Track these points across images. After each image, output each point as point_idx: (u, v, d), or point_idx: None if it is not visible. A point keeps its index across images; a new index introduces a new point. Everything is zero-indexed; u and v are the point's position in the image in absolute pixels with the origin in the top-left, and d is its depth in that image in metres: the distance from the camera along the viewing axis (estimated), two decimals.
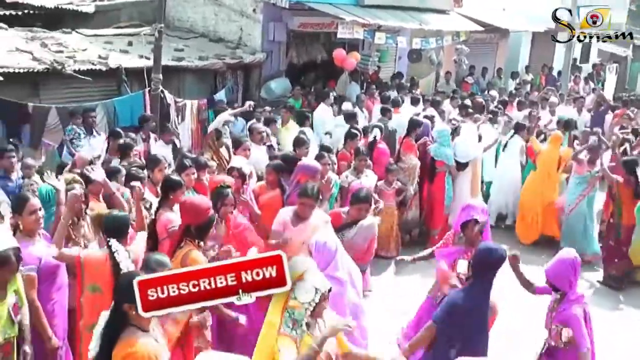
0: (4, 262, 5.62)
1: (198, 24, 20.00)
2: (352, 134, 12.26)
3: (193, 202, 6.74)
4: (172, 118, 15.35)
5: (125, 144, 10.67)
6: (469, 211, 7.54)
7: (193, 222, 6.50)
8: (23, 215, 6.53)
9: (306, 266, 5.13)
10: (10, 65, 13.03)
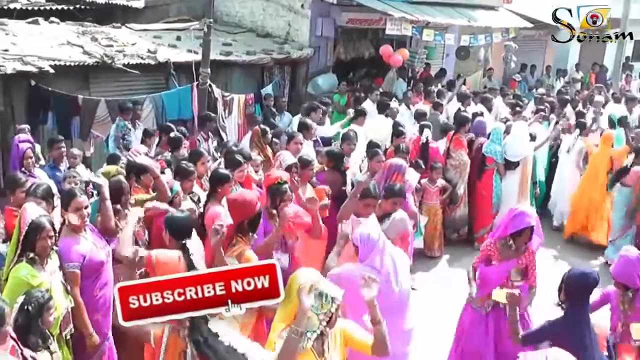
0: (37, 228, 5.72)
1: (246, 18, 20.00)
2: (398, 131, 12.21)
3: (243, 198, 6.68)
4: (220, 112, 15.38)
5: (175, 137, 10.77)
6: (524, 218, 7.27)
7: (245, 217, 6.49)
8: (69, 211, 6.56)
9: (318, 276, 4.98)
10: (61, 58, 13.16)
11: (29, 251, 5.74)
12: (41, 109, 12.91)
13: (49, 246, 5.84)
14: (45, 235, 5.76)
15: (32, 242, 5.74)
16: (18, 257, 5.75)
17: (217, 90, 15.29)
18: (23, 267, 5.65)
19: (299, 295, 4.65)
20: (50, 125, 13.14)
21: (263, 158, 10.74)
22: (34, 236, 5.73)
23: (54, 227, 5.91)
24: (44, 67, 12.52)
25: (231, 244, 6.40)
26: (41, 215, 5.84)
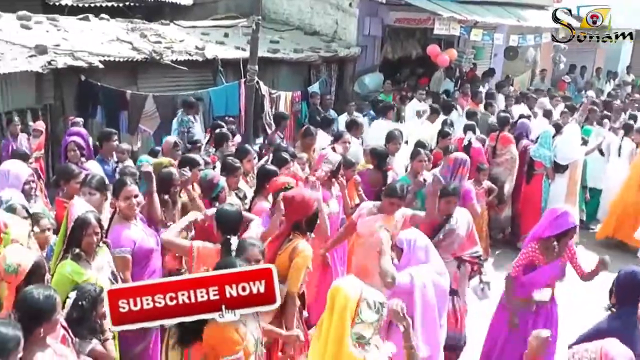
0: (83, 224, 5.72)
1: (294, 16, 19.96)
2: (444, 132, 12.12)
3: (301, 196, 6.54)
4: (266, 109, 15.44)
5: (221, 133, 10.78)
6: (567, 218, 7.19)
7: (302, 216, 6.40)
8: (119, 199, 6.64)
9: (360, 285, 4.79)
10: (111, 54, 13.27)
11: (75, 247, 5.73)
12: (90, 103, 13.05)
13: (95, 242, 5.81)
14: (92, 232, 5.74)
15: (78, 238, 5.73)
16: (64, 253, 5.77)
17: (264, 88, 15.31)
18: (68, 264, 5.67)
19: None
20: (98, 119, 13.26)
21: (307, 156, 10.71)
22: (80, 232, 5.72)
23: (100, 223, 5.88)
24: (93, 62, 12.64)
25: (287, 240, 6.34)
26: (88, 211, 5.81)
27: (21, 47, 12.23)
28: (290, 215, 6.47)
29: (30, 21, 14.11)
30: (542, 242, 7.27)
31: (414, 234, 6.56)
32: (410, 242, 6.37)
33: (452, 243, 7.77)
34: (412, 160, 9.97)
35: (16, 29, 13.52)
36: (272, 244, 6.37)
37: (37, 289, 4.63)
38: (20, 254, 5.44)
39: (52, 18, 14.85)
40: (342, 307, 4.61)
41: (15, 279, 5.19)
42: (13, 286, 5.20)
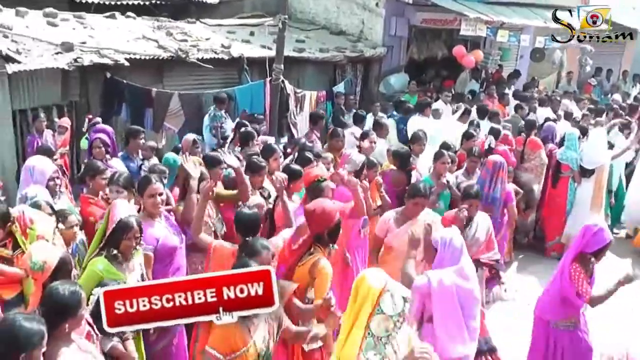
0: (125, 228, 5.69)
1: (320, 16, 19.94)
2: (468, 134, 12.00)
3: (322, 208, 6.30)
4: (291, 108, 15.42)
5: (246, 132, 10.70)
6: (604, 234, 6.97)
7: (324, 228, 6.17)
8: (144, 196, 6.61)
9: (385, 278, 4.68)
10: (137, 52, 13.31)
11: (113, 247, 5.72)
12: (115, 100, 13.08)
13: (133, 246, 5.82)
14: (132, 236, 5.73)
15: (117, 240, 5.72)
16: (100, 250, 5.75)
17: (289, 87, 15.27)
18: (100, 262, 5.65)
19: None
20: (123, 116, 13.28)
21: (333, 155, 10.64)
22: (120, 235, 5.70)
23: (141, 227, 5.86)
24: (119, 60, 12.68)
25: (308, 253, 6.19)
26: (130, 215, 5.79)
27: (48, 44, 12.27)
28: (311, 227, 6.28)
29: (57, 18, 14.17)
30: (581, 259, 7.07)
31: (450, 233, 6.47)
32: (445, 242, 6.29)
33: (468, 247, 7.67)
34: (435, 162, 9.86)
35: (43, 26, 13.55)
36: (293, 254, 6.25)
37: (63, 285, 4.60)
38: (46, 251, 5.50)
39: (78, 15, 14.91)
40: (364, 296, 4.56)
41: (42, 276, 5.24)
42: (39, 283, 5.25)
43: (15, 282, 6.05)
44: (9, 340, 3.97)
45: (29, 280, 5.85)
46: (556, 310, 7.26)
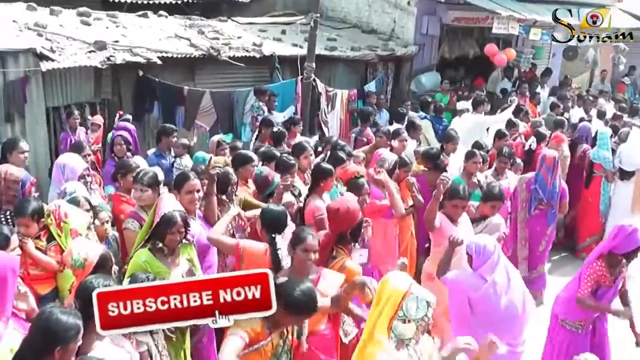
0: (168, 222, 5.69)
1: (351, 14, 19.92)
2: (500, 133, 11.91)
3: (346, 207, 6.32)
4: (322, 107, 15.39)
5: (278, 132, 10.76)
6: (637, 235, 6.82)
7: (347, 227, 6.23)
8: (181, 193, 6.61)
9: (409, 281, 4.68)
10: (169, 50, 13.32)
11: (158, 241, 5.74)
12: (147, 98, 13.11)
13: (178, 240, 5.81)
14: (176, 231, 5.72)
15: (161, 234, 5.72)
16: (145, 242, 5.79)
17: (320, 85, 15.23)
18: (144, 254, 5.70)
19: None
20: (155, 114, 13.31)
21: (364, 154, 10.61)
22: (165, 229, 5.70)
23: (186, 222, 5.86)
24: (152, 58, 12.69)
25: (331, 257, 6.16)
26: (175, 210, 5.78)
27: (81, 43, 12.30)
28: (335, 227, 6.33)
29: (90, 17, 14.21)
30: (609, 259, 6.94)
31: (484, 240, 6.41)
32: (479, 249, 6.25)
33: None
34: (466, 161, 9.80)
35: (76, 25, 13.59)
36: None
37: (97, 279, 4.64)
38: (87, 248, 5.57)
39: (111, 15, 14.95)
40: (387, 298, 4.55)
41: (83, 273, 5.31)
42: (80, 279, 5.24)
43: (50, 278, 6.18)
44: (46, 333, 3.98)
45: (63, 276, 6.08)
46: (566, 308, 7.19)
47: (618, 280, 6.98)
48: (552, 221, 10.11)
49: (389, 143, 10.60)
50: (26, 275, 5.92)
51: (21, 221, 6.15)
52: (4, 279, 4.76)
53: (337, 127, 16.00)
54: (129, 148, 9.51)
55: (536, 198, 9.94)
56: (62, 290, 6.11)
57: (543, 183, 9.83)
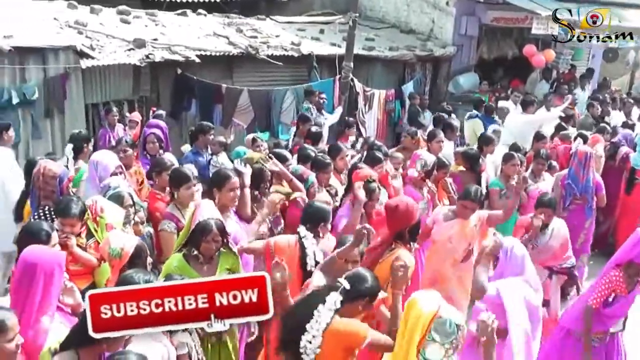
0: (203, 230, 5.59)
1: (390, 14, 19.85)
2: (538, 135, 11.76)
3: (405, 205, 6.31)
4: (360, 107, 15.34)
5: (316, 132, 10.74)
6: None
7: (405, 226, 6.22)
8: (222, 191, 6.56)
9: (438, 301, 4.47)
10: (207, 48, 13.34)
11: (194, 247, 5.67)
12: (185, 96, 13.16)
13: (214, 249, 5.71)
14: (210, 239, 5.61)
15: (197, 242, 5.65)
16: (182, 247, 5.74)
17: (358, 85, 15.18)
18: (177, 259, 5.67)
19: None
20: (193, 112, 13.34)
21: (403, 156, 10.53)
22: (199, 237, 5.61)
23: (223, 230, 5.74)
24: (190, 56, 12.72)
25: (389, 250, 6.16)
26: (211, 218, 5.66)
27: (120, 41, 12.37)
28: (392, 224, 6.30)
29: (130, 16, 14.31)
30: (628, 268, 6.59)
31: (512, 242, 6.28)
32: (506, 251, 6.07)
33: (539, 253, 7.52)
34: (504, 164, 9.68)
35: (116, 23, 13.69)
36: (373, 251, 6.20)
37: (137, 273, 4.68)
38: (123, 238, 5.61)
39: (150, 13, 15.03)
40: (414, 321, 4.37)
41: (119, 263, 5.36)
42: (116, 269, 5.34)
43: (88, 274, 6.18)
44: None
45: (101, 270, 6.05)
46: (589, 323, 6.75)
47: (636, 290, 6.67)
48: (589, 215, 10.06)
49: (415, 143, 10.64)
50: (66, 271, 5.92)
51: (67, 221, 6.09)
52: (51, 274, 4.72)
53: (374, 127, 15.94)
54: (161, 145, 9.51)
55: (570, 193, 9.91)
56: (98, 285, 6.02)
57: (576, 178, 9.82)
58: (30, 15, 12.01)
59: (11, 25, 10.97)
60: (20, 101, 10.55)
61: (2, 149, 8.92)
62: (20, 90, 10.52)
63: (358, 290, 4.82)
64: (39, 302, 4.63)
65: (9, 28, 10.74)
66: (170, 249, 6.38)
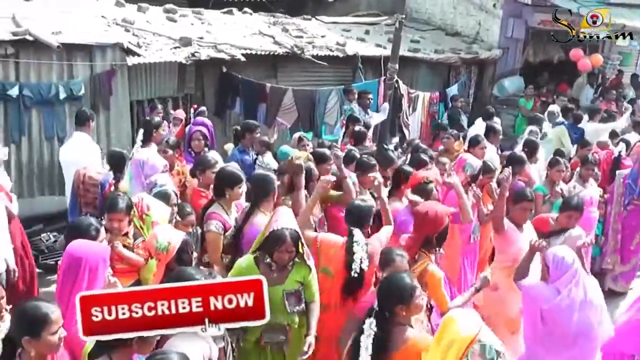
0: (277, 240, 5.48)
1: (436, 16, 19.76)
2: (584, 141, 11.60)
3: (435, 211, 6.26)
4: (404, 108, 15.22)
5: (360, 131, 10.70)
6: None
7: (434, 232, 6.18)
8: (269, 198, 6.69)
9: (478, 324, 4.19)
10: (253, 47, 13.28)
11: (267, 254, 5.60)
12: (230, 94, 13.15)
13: (286, 260, 5.59)
14: (284, 249, 5.51)
15: (270, 249, 5.57)
16: (257, 249, 5.70)
17: (403, 86, 15.04)
18: (247, 260, 5.65)
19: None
20: (237, 110, 13.32)
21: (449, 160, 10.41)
22: (272, 245, 5.54)
23: (298, 241, 5.61)
24: (235, 55, 12.67)
25: (414, 261, 6.02)
26: (286, 228, 5.53)
27: (166, 39, 12.36)
28: (421, 230, 6.27)
29: (176, 14, 14.32)
30: None
31: (563, 251, 6.14)
32: (558, 261, 5.95)
33: None
34: (550, 169, 9.53)
35: (162, 22, 13.71)
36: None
37: (191, 270, 4.73)
38: (171, 233, 5.62)
39: (197, 11, 15.07)
40: (450, 342, 4.12)
41: (166, 257, 5.37)
42: (163, 263, 5.40)
43: (133, 272, 6.23)
44: None
45: (146, 267, 6.15)
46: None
47: None
48: None
49: (458, 146, 10.61)
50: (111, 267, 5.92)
51: (114, 216, 6.12)
52: (95, 268, 4.72)
53: (418, 130, 15.82)
54: (206, 143, 9.52)
55: (630, 193, 9.89)
56: (144, 281, 6.11)
57: (636, 178, 9.77)
58: (79, 12, 12.06)
59: (60, 22, 11.01)
60: (67, 96, 10.56)
61: (80, 135, 9.23)
62: (67, 86, 10.54)
63: (390, 305, 4.75)
64: None
65: (58, 25, 10.77)
66: (216, 250, 6.46)
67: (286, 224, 5.56)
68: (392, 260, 5.54)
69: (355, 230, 6.09)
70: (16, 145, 10.23)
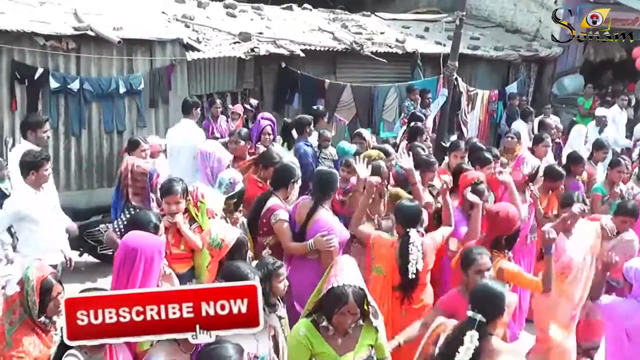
0: (338, 300, 4.50)
1: (496, 13, 19.45)
2: None
3: (507, 212, 6.07)
4: (463, 106, 14.97)
5: (415, 128, 10.54)
6: None
7: (504, 232, 6.02)
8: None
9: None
10: (312, 43, 13.23)
11: (325, 316, 5.10)
12: (288, 89, 13.10)
13: (348, 324, 4.56)
14: (346, 311, 4.47)
15: (328, 310, 4.54)
16: (310, 313, 5.47)
17: (462, 84, 14.78)
18: (304, 325, 4.79)
19: None
20: (295, 105, 13.23)
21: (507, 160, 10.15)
22: (332, 306, 4.49)
23: (362, 302, 4.72)
24: (295, 50, 12.62)
25: None
26: (349, 285, 4.57)
27: (226, 34, 12.34)
28: (492, 230, 6.11)
29: (236, 10, 14.30)
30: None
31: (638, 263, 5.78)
32: (637, 273, 5.59)
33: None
34: (610, 170, 9.13)
35: (222, 17, 13.69)
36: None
37: (242, 266, 4.68)
38: (225, 230, 5.51)
39: (256, 7, 15.02)
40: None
41: (219, 253, 5.26)
42: (216, 260, 5.26)
43: (188, 258, 6.20)
44: None
45: (201, 255, 6.05)
46: None
47: None
48: None
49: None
50: (168, 255, 5.79)
51: (172, 199, 6.10)
52: (151, 259, 4.60)
53: (476, 128, 15.52)
54: (273, 137, 9.51)
55: None
56: (199, 268, 6.09)
57: None
58: (140, 8, 12.07)
59: (121, 17, 11.05)
60: (127, 90, 10.66)
61: (186, 121, 9.70)
62: (127, 80, 10.61)
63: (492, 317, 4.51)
64: (138, 287, 4.46)
65: (118, 20, 10.81)
66: (287, 239, 6.35)
67: (348, 280, 4.54)
68: (473, 260, 5.32)
69: (412, 231, 5.95)
70: (76, 138, 10.34)
